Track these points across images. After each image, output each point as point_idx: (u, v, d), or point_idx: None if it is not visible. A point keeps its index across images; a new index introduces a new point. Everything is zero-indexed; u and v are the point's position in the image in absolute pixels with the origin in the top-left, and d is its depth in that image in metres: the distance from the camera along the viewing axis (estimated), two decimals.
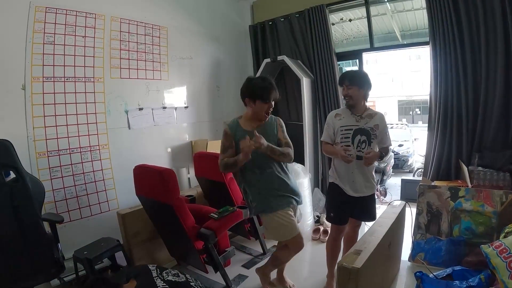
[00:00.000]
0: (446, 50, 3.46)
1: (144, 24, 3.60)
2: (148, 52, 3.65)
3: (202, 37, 4.33)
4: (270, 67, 4.43)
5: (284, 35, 4.60)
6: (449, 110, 3.52)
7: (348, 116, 2.43)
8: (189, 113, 4.16)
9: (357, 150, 2.37)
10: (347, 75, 2.42)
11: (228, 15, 4.82)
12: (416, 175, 7.66)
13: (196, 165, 3.34)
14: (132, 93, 3.47)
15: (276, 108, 4.70)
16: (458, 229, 2.07)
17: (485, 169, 3.12)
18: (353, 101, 2.38)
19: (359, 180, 2.40)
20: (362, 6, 4.28)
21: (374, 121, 2.39)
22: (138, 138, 3.52)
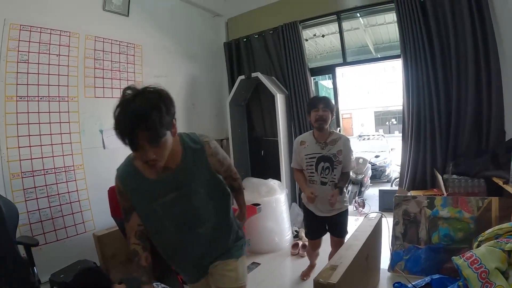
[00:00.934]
0: (417, 61, 3.53)
1: (119, 42, 3.54)
2: (123, 71, 3.58)
3: (177, 55, 4.30)
4: (245, 84, 4.43)
5: (259, 52, 4.62)
6: (422, 120, 3.57)
7: (312, 144, 2.51)
8: None
9: (320, 176, 2.48)
10: (322, 99, 2.50)
11: (203, 32, 4.80)
12: (393, 184, 7.70)
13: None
14: (106, 112, 3.24)
15: (252, 124, 4.86)
16: (437, 236, 2.09)
17: (459, 176, 3.13)
18: (325, 124, 2.45)
19: (323, 204, 2.51)
20: (335, 22, 4.34)
21: (337, 147, 2.47)
22: (113, 158, 3.27)
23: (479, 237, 1.68)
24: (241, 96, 4.64)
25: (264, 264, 3.29)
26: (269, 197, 3.48)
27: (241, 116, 4.79)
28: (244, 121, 4.85)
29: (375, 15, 4.76)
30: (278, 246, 3.55)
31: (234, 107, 4.56)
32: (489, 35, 3.11)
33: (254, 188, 3.57)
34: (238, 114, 4.69)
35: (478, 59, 3.21)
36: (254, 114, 4.85)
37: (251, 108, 4.87)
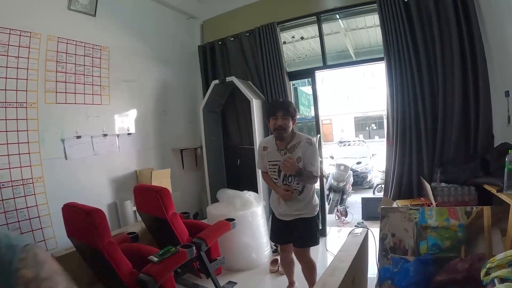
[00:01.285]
0: (401, 64, 3.41)
1: (84, 44, 3.30)
2: (88, 75, 3.34)
3: (147, 58, 4.08)
4: (220, 89, 4.22)
5: (234, 55, 4.42)
6: (407, 125, 3.44)
7: (274, 151, 2.42)
8: (133, 140, 3.84)
9: (283, 184, 2.40)
10: (282, 105, 2.36)
11: (176, 35, 4.60)
12: (376, 191, 7.62)
13: (136, 199, 3.00)
14: (69, 120, 3.15)
15: (227, 132, 4.65)
16: (425, 246, 2.03)
17: (448, 184, 3.01)
18: (285, 133, 2.32)
19: (284, 208, 2.43)
20: (314, 24, 4.18)
21: (296, 153, 2.34)
22: (76, 169, 3.18)
23: (487, 263, 1.45)
24: (215, 102, 4.41)
25: (241, 283, 3.06)
26: (245, 211, 3.24)
27: (215, 123, 4.53)
28: (218, 129, 4.62)
29: (356, 17, 4.63)
30: (256, 263, 3.31)
31: (208, 113, 4.33)
32: (475, 36, 3.02)
33: (229, 201, 3.33)
34: (212, 121, 4.44)
35: (464, 60, 3.12)
36: (229, 121, 4.62)
37: (226, 115, 4.63)
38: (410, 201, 3.30)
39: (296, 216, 2.41)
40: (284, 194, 2.36)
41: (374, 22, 5.39)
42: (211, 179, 4.23)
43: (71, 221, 2.38)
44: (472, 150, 3.17)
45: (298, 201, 2.40)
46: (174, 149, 4.36)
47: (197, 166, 4.67)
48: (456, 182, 3.00)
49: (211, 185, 4.22)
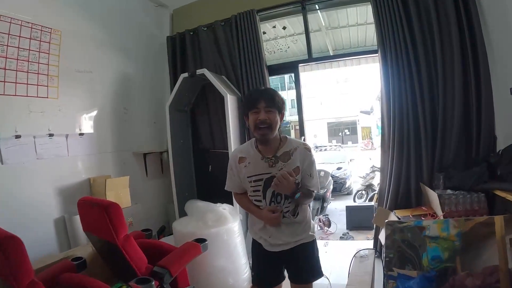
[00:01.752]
0: (398, 57, 3.07)
1: (31, 25, 2.79)
2: (33, 61, 2.82)
3: (107, 47, 3.55)
4: (190, 85, 3.71)
5: (207, 47, 3.93)
6: (405, 126, 3.07)
7: (257, 161, 1.77)
8: (86, 142, 3.28)
9: (270, 206, 1.78)
10: (264, 93, 1.75)
11: (142, 23, 4.09)
12: (356, 198, 7.32)
13: (81, 216, 2.39)
14: (6, 115, 2.65)
15: (197, 134, 4.10)
16: (426, 258, 1.95)
17: (455, 191, 2.67)
18: (272, 132, 1.70)
19: (277, 237, 1.81)
20: (299, 14, 3.77)
21: (293, 162, 1.73)
22: (14, 176, 2.67)
23: None
24: (184, 100, 3.90)
25: None
26: (219, 228, 2.70)
27: (184, 124, 4.01)
28: (187, 130, 4.10)
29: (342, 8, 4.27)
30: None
31: (176, 112, 3.81)
32: (475, 29, 2.78)
33: (199, 216, 2.78)
34: (180, 121, 3.92)
35: (465, 57, 2.86)
36: (200, 122, 4.12)
37: (197, 114, 4.13)
38: (410, 211, 2.89)
39: (296, 243, 1.82)
40: (271, 218, 1.73)
41: (357, 20, 5.23)
42: (178, 189, 3.70)
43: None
44: (475, 152, 2.88)
45: (295, 223, 1.81)
46: (136, 153, 3.80)
47: (163, 173, 4.11)
48: (462, 188, 2.70)
49: (178, 195, 3.68)
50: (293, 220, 1.78)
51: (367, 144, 21.88)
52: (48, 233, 2.85)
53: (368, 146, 21.43)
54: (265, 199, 1.75)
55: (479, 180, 2.67)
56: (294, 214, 1.78)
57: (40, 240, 2.69)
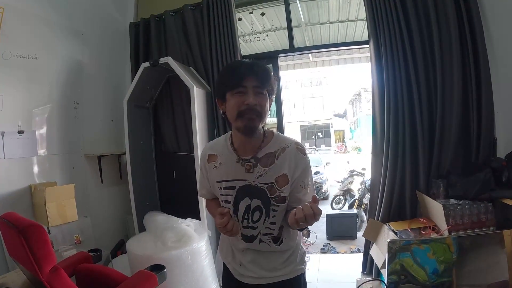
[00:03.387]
0: (393, 51, 2.76)
1: None
2: None
3: (58, 30, 3.05)
4: (152, 77, 3.24)
5: (174, 34, 3.45)
6: (401, 128, 2.75)
7: (230, 162, 1.32)
8: (27, 142, 2.79)
9: (243, 225, 1.32)
10: (255, 67, 1.21)
11: (103, 6, 3.61)
12: (334, 203, 6.98)
13: (3, 236, 1.88)
14: None
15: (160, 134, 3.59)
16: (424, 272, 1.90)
17: (459, 201, 2.39)
18: (261, 122, 1.23)
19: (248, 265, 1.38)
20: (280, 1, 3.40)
21: (276, 168, 1.27)
22: None
23: None
24: (146, 94, 3.40)
25: None
26: (181, 249, 2.21)
27: (145, 123, 3.52)
28: (149, 130, 3.62)
29: None
30: None
31: (136, 109, 3.31)
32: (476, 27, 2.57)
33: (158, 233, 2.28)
34: (140, 119, 3.43)
35: (465, 54, 2.64)
36: (163, 120, 3.64)
37: (160, 111, 3.64)
38: (407, 224, 2.56)
39: (276, 279, 1.36)
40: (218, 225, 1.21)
41: (338, 17, 5.00)
42: (138, 198, 3.19)
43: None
44: (474, 156, 2.64)
45: (275, 253, 1.36)
46: (88, 156, 3.26)
47: (122, 179, 3.56)
48: (466, 197, 2.44)
49: (138, 205, 3.17)
50: (274, 248, 1.34)
51: (340, 147, 22.06)
52: None
53: (342, 149, 21.59)
54: (236, 214, 1.31)
55: (484, 188, 2.42)
56: (277, 241, 1.33)
57: None
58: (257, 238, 1.32)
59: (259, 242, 1.32)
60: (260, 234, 1.31)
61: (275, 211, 1.28)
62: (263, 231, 1.31)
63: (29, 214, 2.67)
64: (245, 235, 1.33)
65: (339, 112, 23.17)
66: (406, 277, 1.88)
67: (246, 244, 1.34)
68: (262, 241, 1.32)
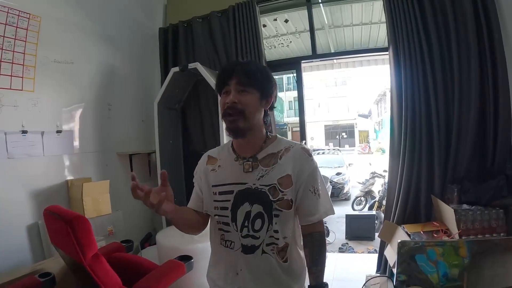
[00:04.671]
0: (411, 58, 2.81)
1: (8, 9, 2.50)
2: (7, 50, 2.51)
3: (92, 36, 3.23)
4: (181, 80, 3.41)
5: (201, 40, 3.63)
6: (417, 133, 2.81)
7: (229, 164, 1.26)
8: (65, 140, 2.96)
9: (242, 234, 1.19)
10: (240, 66, 1.20)
11: (132, 12, 3.78)
12: (355, 204, 7.05)
13: (47, 226, 2.09)
14: None
15: (188, 134, 3.76)
16: (436, 275, 1.91)
17: (472, 207, 2.45)
18: (246, 121, 1.16)
19: None
20: (303, 7, 3.52)
21: (280, 169, 1.19)
22: None
23: None
24: (175, 97, 3.59)
25: None
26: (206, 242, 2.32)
27: (174, 124, 3.70)
28: (178, 130, 3.79)
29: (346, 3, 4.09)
30: None
31: (165, 110, 3.49)
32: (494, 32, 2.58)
33: None
34: (170, 120, 3.60)
35: (482, 57, 2.65)
36: (191, 121, 3.81)
37: (188, 113, 3.82)
38: (421, 227, 2.62)
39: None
40: None
41: (362, 19, 5.04)
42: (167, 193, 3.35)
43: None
44: (490, 163, 2.66)
45: (278, 274, 1.19)
46: (120, 154, 3.47)
47: (151, 176, 3.79)
48: (478, 202, 2.50)
49: None
50: (281, 264, 1.19)
51: (364, 148, 21.79)
52: (19, 241, 2.56)
53: (365, 150, 21.32)
54: (235, 222, 1.19)
55: (497, 195, 2.48)
56: (283, 255, 1.19)
57: (11, 248, 2.41)
58: (259, 249, 1.17)
59: (261, 253, 1.17)
60: (263, 244, 1.17)
61: (277, 216, 1.17)
62: (266, 241, 1.17)
63: (65, 207, 2.76)
64: (245, 246, 1.18)
65: (363, 112, 22.88)
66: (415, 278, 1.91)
67: (245, 258, 1.19)
68: (265, 252, 1.17)
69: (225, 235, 1.23)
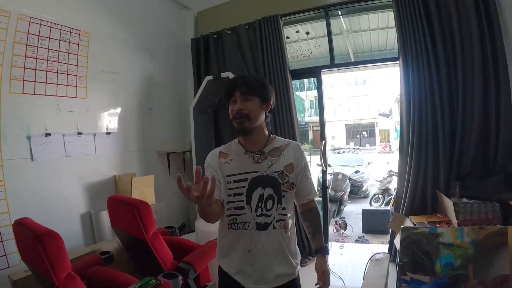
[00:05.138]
0: (419, 67, 3.08)
1: (61, 26, 2.86)
2: (62, 62, 2.88)
3: (132, 48, 3.63)
4: (213, 87, 3.77)
5: (231, 50, 4.00)
6: (424, 133, 3.09)
7: (240, 157, 1.50)
8: (113, 141, 3.38)
9: (257, 214, 1.43)
10: (242, 79, 1.48)
11: (166, 25, 4.18)
12: (373, 201, 7.28)
13: (111, 213, 2.55)
14: (37, 114, 2.71)
15: (220, 135, 4.16)
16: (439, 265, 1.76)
17: (471, 200, 2.70)
18: (250, 122, 1.43)
19: (264, 263, 1.45)
20: (321, 19, 3.81)
21: (285, 158, 1.49)
22: (44, 172, 2.74)
23: None
24: (207, 101, 3.97)
25: None
26: None
27: (207, 125, 4.08)
28: (210, 131, 4.15)
29: (364, 14, 4.31)
30: None
31: (199, 114, 3.89)
32: (497, 39, 2.80)
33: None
34: (203, 122, 3.99)
35: (485, 64, 2.86)
36: (223, 123, 4.17)
37: (219, 116, 4.19)
38: (426, 218, 2.94)
39: (290, 277, 1.51)
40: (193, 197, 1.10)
41: (378, 24, 5.23)
42: None
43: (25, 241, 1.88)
44: (492, 162, 2.89)
45: (283, 245, 1.47)
46: (159, 153, 3.91)
47: (186, 172, 4.20)
48: (478, 197, 2.74)
49: None
50: (285, 236, 1.47)
51: (385, 147, 21.59)
52: (74, 228, 2.96)
53: (386, 149, 21.16)
54: (249, 204, 1.42)
55: (495, 191, 2.70)
56: (287, 230, 1.47)
57: (67, 233, 2.67)
58: (270, 225, 1.43)
59: (273, 229, 1.43)
60: (273, 221, 1.43)
61: (284, 196, 1.44)
62: (276, 218, 1.43)
63: None
64: (259, 223, 1.42)
65: (384, 111, 22.65)
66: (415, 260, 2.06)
67: (259, 234, 1.42)
68: (275, 227, 1.43)
69: (237, 219, 1.44)
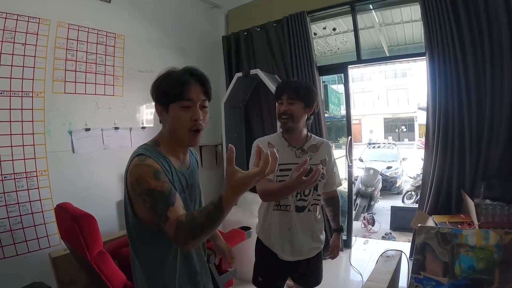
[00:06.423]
0: (445, 62, 3.01)
1: (97, 31, 3.10)
2: (100, 64, 3.14)
3: (165, 48, 3.82)
4: (243, 83, 3.92)
5: (260, 47, 4.12)
6: (450, 130, 3.04)
7: (285, 150, 1.77)
8: (147, 135, 3.51)
9: (297, 199, 1.76)
10: (289, 85, 1.79)
11: (198, 24, 4.33)
12: (405, 198, 7.18)
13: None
14: (77, 111, 2.97)
15: (250, 129, 4.34)
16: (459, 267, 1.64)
17: (494, 202, 2.63)
18: (294, 123, 1.73)
19: (301, 239, 1.79)
20: (348, 15, 3.83)
21: (320, 154, 1.80)
22: (84, 163, 3.01)
23: None
24: (238, 97, 4.13)
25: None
26: None
27: (238, 120, 4.24)
28: (241, 125, 4.30)
29: (392, 8, 4.27)
30: None
31: (230, 109, 4.05)
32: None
33: (246, 206, 3.02)
34: (234, 117, 4.15)
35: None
36: (253, 118, 4.31)
37: (250, 111, 4.33)
38: (448, 218, 2.91)
39: (315, 251, 1.87)
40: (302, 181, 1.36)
41: (411, 17, 5.15)
42: None
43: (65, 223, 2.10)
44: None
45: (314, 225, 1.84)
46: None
47: (217, 165, 4.41)
48: (502, 199, 2.65)
49: None
50: (315, 217, 1.83)
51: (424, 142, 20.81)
52: (111, 213, 3.21)
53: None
54: None
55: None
56: (317, 212, 1.83)
57: (104, 219, 2.86)
58: (306, 208, 1.77)
59: (308, 211, 1.77)
60: (309, 204, 1.77)
61: (318, 185, 1.77)
62: (311, 202, 1.77)
63: None
64: (298, 206, 1.76)
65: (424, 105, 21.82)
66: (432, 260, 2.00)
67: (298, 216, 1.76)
68: (309, 210, 1.78)
69: (280, 201, 1.77)
